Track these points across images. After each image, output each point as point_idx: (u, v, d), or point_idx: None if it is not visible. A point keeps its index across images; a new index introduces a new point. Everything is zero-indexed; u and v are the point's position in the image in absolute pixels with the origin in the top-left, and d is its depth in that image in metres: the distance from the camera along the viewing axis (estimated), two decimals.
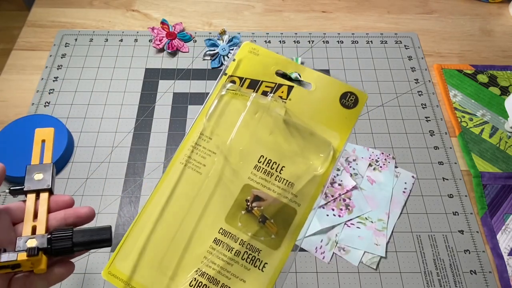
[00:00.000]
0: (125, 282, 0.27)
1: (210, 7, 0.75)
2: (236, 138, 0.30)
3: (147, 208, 0.29)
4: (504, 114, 0.62)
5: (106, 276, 0.27)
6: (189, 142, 0.30)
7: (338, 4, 0.76)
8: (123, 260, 0.28)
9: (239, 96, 0.31)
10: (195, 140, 0.30)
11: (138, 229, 0.28)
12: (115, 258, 0.28)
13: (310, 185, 0.29)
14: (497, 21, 0.75)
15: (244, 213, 0.28)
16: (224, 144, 0.30)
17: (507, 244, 0.50)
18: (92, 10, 0.74)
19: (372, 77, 0.65)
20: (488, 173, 0.56)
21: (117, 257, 0.28)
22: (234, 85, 0.32)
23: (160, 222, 0.28)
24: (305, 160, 0.29)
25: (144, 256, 0.28)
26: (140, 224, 0.28)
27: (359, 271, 0.48)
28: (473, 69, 0.67)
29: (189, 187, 0.29)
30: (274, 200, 0.28)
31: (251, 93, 0.31)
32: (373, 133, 0.59)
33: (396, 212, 0.52)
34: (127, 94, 0.62)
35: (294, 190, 0.29)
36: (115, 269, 0.28)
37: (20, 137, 0.54)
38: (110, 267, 0.28)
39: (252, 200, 0.28)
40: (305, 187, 0.29)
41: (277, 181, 0.29)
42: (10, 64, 0.66)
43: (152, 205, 0.29)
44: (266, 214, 0.28)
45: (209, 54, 0.67)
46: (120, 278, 0.27)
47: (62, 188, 0.53)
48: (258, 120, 0.30)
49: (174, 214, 0.28)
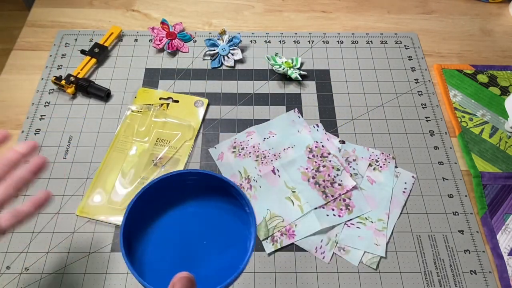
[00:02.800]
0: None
1: (210, 7, 0.75)
2: (143, 132, 0.58)
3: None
4: (504, 114, 0.62)
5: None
6: (117, 138, 0.57)
7: (338, 4, 0.76)
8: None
9: (139, 112, 0.60)
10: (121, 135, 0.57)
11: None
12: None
13: (185, 146, 0.56)
14: (497, 21, 0.75)
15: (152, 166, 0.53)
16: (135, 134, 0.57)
17: (507, 244, 0.50)
18: (92, 10, 0.74)
19: (372, 77, 0.65)
20: (488, 173, 0.56)
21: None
22: (136, 107, 0.60)
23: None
24: (182, 134, 0.58)
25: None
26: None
27: (359, 271, 0.48)
28: (473, 69, 0.67)
29: (118, 157, 0.55)
30: (166, 157, 0.52)
31: (148, 109, 0.59)
32: (373, 133, 0.59)
33: (396, 212, 0.52)
34: (127, 94, 0.62)
35: (178, 151, 0.56)
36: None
37: None
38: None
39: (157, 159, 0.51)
40: (182, 148, 0.56)
41: (167, 147, 0.56)
42: (10, 64, 0.66)
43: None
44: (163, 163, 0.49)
45: (209, 54, 0.67)
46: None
47: (62, 188, 0.53)
48: (151, 119, 0.59)
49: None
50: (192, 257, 0.30)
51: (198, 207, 0.32)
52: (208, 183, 0.32)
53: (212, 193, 0.32)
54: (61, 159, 0.56)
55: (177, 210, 0.32)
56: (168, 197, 0.32)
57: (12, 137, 0.31)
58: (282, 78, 0.65)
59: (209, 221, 0.32)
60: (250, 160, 0.56)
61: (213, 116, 0.60)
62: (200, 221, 0.32)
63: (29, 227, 0.50)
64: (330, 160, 0.55)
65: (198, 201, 0.33)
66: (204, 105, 0.61)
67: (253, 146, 0.57)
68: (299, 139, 0.58)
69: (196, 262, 0.30)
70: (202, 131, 0.59)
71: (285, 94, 0.63)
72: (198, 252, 0.30)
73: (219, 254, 0.31)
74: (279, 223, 0.51)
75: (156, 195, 0.31)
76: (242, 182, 0.54)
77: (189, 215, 0.32)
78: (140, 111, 0.59)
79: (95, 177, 0.54)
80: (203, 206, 0.33)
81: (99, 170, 0.54)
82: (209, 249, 0.31)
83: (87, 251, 0.49)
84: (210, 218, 0.32)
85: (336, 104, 0.62)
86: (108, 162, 0.55)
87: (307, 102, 0.62)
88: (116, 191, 0.52)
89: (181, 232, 0.31)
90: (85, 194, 0.52)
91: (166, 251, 0.30)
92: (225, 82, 0.64)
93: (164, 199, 0.32)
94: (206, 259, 0.30)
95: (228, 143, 0.58)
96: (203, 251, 0.31)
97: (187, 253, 0.31)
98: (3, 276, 0.47)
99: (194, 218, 0.32)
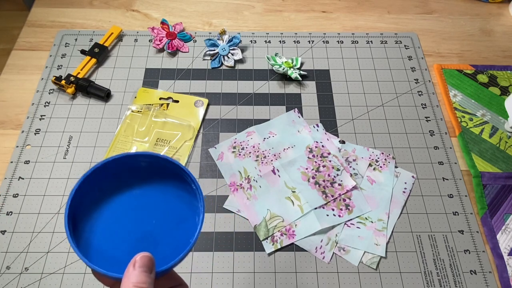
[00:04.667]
0: None
1: (210, 7, 0.75)
2: (143, 132, 0.58)
3: None
4: (504, 114, 0.62)
5: None
6: (117, 138, 0.57)
7: (338, 4, 0.76)
8: None
9: (139, 112, 0.60)
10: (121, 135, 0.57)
11: None
12: None
13: (185, 146, 0.56)
14: (497, 21, 0.75)
15: None
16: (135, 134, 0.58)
17: (507, 244, 0.50)
18: (92, 10, 0.74)
19: (372, 77, 0.65)
20: (488, 173, 0.56)
21: None
22: (136, 106, 0.60)
23: None
24: (182, 134, 0.58)
25: None
26: None
27: (359, 271, 0.48)
28: (473, 69, 0.67)
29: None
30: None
31: (148, 109, 0.59)
32: (373, 133, 0.59)
33: (396, 212, 0.52)
34: (127, 94, 0.62)
35: (178, 151, 0.56)
36: None
37: None
38: None
39: None
40: (182, 148, 0.57)
41: (167, 147, 0.56)
42: (10, 64, 0.66)
43: None
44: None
45: (209, 54, 0.67)
46: None
47: (62, 188, 0.53)
48: (151, 119, 0.59)
49: None
50: (143, 239, 0.31)
51: (146, 190, 0.33)
52: (157, 166, 0.32)
53: (161, 176, 0.33)
54: (61, 159, 0.56)
55: (125, 195, 0.32)
56: (115, 182, 0.32)
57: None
58: (282, 78, 0.65)
59: (157, 203, 0.33)
60: (250, 160, 0.56)
61: (213, 116, 0.60)
62: (148, 204, 0.33)
63: (29, 227, 0.50)
64: (330, 160, 0.55)
65: (146, 185, 0.33)
66: (204, 105, 0.61)
67: (253, 146, 0.57)
68: (299, 139, 0.58)
69: (148, 242, 0.31)
70: (202, 131, 0.59)
71: (285, 94, 0.63)
72: (149, 233, 0.31)
73: (169, 232, 0.31)
74: (279, 223, 0.51)
75: (101, 180, 0.31)
76: (242, 182, 0.54)
77: (137, 199, 0.32)
78: (140, 111, 0.59)
79: None
80: (151, 189, 0.33)
81: None
82: (160, 229, 0.31)
83: None
84: (158, 200, 0.33)
85: (336, 104, 0.62)
86: None
87: (307, 102, 0.62)
88: None
89: (130, 216, 0.32)
90: None
91: (116, 237, 0.31)
92: (225, 82, 0.64)
93: (111, 184, 0.32)
94: (158, 239, 0.31)
95: (228, 143, 0.58)
96: (154, 232, 0.31)
97: (139, 236, 0.31)
98: (3, 276, 0.47)
99: (143, 201, 0.33)
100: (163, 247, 0.30)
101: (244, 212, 0.52)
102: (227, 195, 0.53)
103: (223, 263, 0.49)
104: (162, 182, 0.33)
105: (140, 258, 0.26)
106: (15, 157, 0.56)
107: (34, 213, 0.51)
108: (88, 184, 0.30)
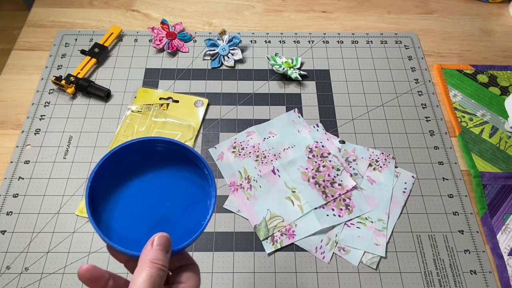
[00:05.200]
0: None
1: (210, 7, 0.75)
2: (143, 132, 0.58)
3: None
4: (504, 114, 0.62)
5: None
6: (117, 138, 0.57)
7: (338, 4, 0.76)
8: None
9: (139, 112, 0.60)
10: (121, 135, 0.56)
11: None
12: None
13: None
14: (497, 21, 0.75)
15: None
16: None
17: (507, 244, 0.50)
18: (92, 10, 0.74)
19: (372, 77, 0.65)
20: (488, 173, 0.56)
21: None
22: (136, 106, 0.60)
23: None
24: (182, 134, 0.58)
25: None
26: None
27: (359, 271, 0.48)
28: (473, 69, 0.67)
29: None
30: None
31: (148, 109, 0.60)
32: (373, 133, 0.59)
33: (396, 212, 0.52)
34: (127, 94, 0.62)
35: None
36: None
37: None
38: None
39: None
40: None
41: None
42: (10, 64, 0.66)
43: None
44: None
45: (209, 54, 0.67)
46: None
47: (62, 188, 0.53)
48: (151, 119, 0.59)
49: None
50: (158, 220, 0.33)
51: (161, 174, 0.34)
52: (173, 152, 0.34)
53: (176, 161, 0.34)
54: (61, 159, 0.56)
55: (142, 178, 0.34)
56: (132, 165, 0.34)
57: None
58: (282, 78, 0.65)
59: (171, 186, 0.34)
60: (250, 160, 0.56)
61: (213, 116, 0.60)
62: (163, 187, 0.34)
63: (29, 227, 0.50)
64: (330, 160, 0.55)
65: (162, 169, 0.35)
66: (204, 105, 0.61)
67: (253, 146, 0.57)
68: (299, 139, 0.58)
69: (163, 224, 0.33)
70: (202, 131, 0.59)
71: (285, 94, 0.63)
72: (164, 215, 0.33)
73: (182, 214, 0.33)
74: (279, 223, 0.51)
75: (119, 163, 0.32)
76: (242, 182, 0.54)
77: (153, 182, 0.34)
78: (140, 111, 0.59)
79: None
80: (166, 173, 0.35)
81: None
82: (174, 211, 0.33)
83: (87, 251, 0.49)
84: (172, 183, 0.34)
85: (336, 104, 0.62)
86: None
87: (307, 102, 0.62)
88: None
89: (146, 198, 0.33)
90: None
91: (132, 218, 0.32)
92: (225, 82, 0.64)
93: (128, 167, 0.34)
94: (172, 220, 0.33)
95: (228, 143, 0.58)
96: (168, 213, 0.33)
97: (154, 217, 0.33)
98: (3, 276, 0.47)
99: (158, 184, 0.34)
100: (176, 229, 0.32)
101: (244, 212, 0.52)
102: (227, 195, 0.53)
103: (223, 263, 0.49)
104: (176, 167, 0.34)
105: (158, 238, 0.28)
106: (15, 157, 0.56)
107: (34, 213, 0.51)
108: (106, 167, 0.31)
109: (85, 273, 0.28)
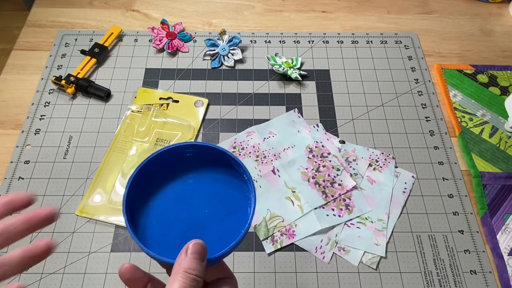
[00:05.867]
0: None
1: (210, 7, 0.75)
2: (143, 132, 0.58)
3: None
4: (504, 114, 0.62)
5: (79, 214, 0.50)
6: (117, 138, 0.58)
7: (338, 4, 0.76)
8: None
9: (139, 112, 0.60)
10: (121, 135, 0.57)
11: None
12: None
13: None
14: (497, 21, 0.75)
15: None
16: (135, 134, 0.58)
17: (507, 244, 0.50)
18: (92, 10, 0.74)
19: (372, 77, 0.65)
20: (488, 173, 0.56)
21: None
22: (136, 106, 0.60)
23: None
24: (182, 134, 0.58)
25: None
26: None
27: (359, 271, 0.48)
28: (473, 69, 0.67)
29: (119, 157, 0.56)
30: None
31: (148, 109, 0.60)
32: (373, 133, 0.59)
33: (396, 212, 0.52)
34: (127, 94, 0.62)
35: None
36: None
37: None
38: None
39: None
40: None
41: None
42: (10, 64, 0.66)
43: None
44: None
45: (209, 54, 0.67)
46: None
47: (62, 188, 0.53)
48: (151, 119, 0.59)
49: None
50: (195, 227, 0.31)
51: (197, 178, 0.33)
52: (206, 155, 0.33)
53: (211, 164, 0.33)
54: (61, 159, 0.56)
55: (177, 183, 0.33)
56: (167, 171, 0.33)
57: (36, 200, 0.29)
58: (282, 78, 0.65)
59: (209, 191, 0.33)
60: (250, 160, 0.56)
61: (213, 116, 0.60)
62: (200, 192, 0.33)
63: None
64: (330, 160, 0.55)
65: (198, 173, 0.33)
66: (204, 105, 0.61)
67: (253, 146, 0.57)
68: (299, 139, 0.58)
69: (199, 231, 0.31)
70: (202, 131, 0.59)
71: (285, 94, 0.63)
72: (201, 222, 0.32)
73: (221, 221, 0.32)
74: (279, 223, 0.51)
75: (154, 170, 0.32)
76: None
77: (189, 187, 0.33)
78: (140, 111, 0.59)
79: (95, 177, 0.54)
80: (203, 177, 0.33)
81: (99, 170, 0.54)
82: (211, 217, 0.32)
83: (87, 251, 0.49)
84: (210, 188, 0.33)
85: (336, 104, 0.62)
86: (108, 162, 0.55)
87: (307, 102, 0.62)
88: (116, 191, 0.53)
89: (182, 204, 0.32)
90: (85, 194, 0.53)
91: (168, 225, 0.31)
92: (225, 82, 0.64)
93: (163, 174, 0.33)
94: (209, 227, 0.31)
95: (228, 143, 0.58)
96: (205, 220, 0.32)
97: (190, 224, 0.31)
98: None
99: (194, 190, 0.33)
100: (213, 236, 0.31)
101: None
102: None
103: None
104: (214, 170, 0.33)
105: (192, 245, 0.26)
106: (15, 157, 0.56)
107: None
108: (142, 175, 0.31)
109: (126, 272, 0.27)
